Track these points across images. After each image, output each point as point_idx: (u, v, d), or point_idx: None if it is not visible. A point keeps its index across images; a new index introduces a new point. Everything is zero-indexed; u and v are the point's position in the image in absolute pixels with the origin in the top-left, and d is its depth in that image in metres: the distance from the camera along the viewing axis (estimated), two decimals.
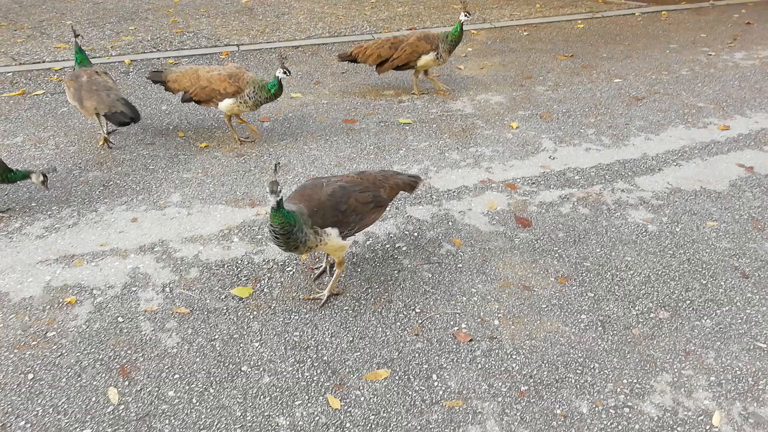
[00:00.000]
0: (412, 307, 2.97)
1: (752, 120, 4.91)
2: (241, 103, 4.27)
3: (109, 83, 4.35)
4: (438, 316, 2.93)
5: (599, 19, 7.78)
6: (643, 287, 3.12)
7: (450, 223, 3.61)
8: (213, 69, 4.36)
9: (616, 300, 3.03)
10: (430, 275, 3.19)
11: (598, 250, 3.39)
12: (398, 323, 2.88)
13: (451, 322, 2.89)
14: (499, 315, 2.94)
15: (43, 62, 6.24)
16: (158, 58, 6.35)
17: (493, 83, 5.72)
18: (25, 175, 3.57)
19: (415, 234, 3.51)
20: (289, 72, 4.18)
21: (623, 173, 4.14)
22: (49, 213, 3.67)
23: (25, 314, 2.89)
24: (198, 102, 4.41)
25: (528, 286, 3.12)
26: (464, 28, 5.10)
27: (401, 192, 3.19)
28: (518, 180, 4.06)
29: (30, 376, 2.57)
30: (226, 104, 4.29)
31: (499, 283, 3.14)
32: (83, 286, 3.08)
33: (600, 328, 2.86)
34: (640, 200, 3.84)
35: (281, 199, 2.55)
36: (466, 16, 5.09)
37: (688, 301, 3.02)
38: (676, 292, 3.09)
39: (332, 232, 2.77)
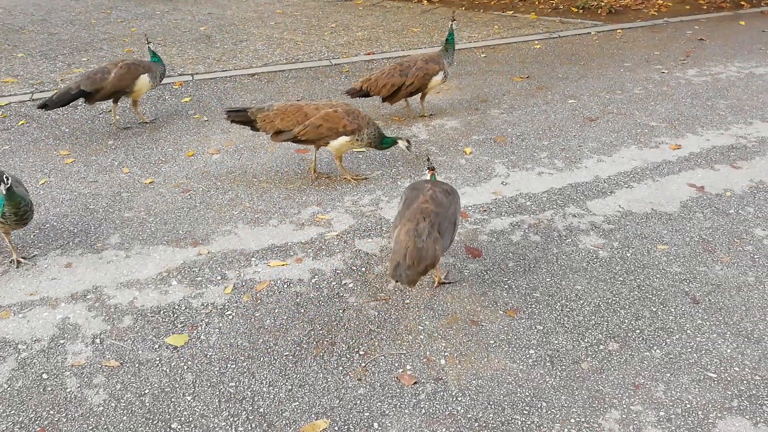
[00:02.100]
0: (356, 349, 2.86)
1: (703, 138, 4.95)
2: (356, 140, 4.07)
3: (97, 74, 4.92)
4: (382, 357, 2.82)
5: (556, 39, 7.86)
6: (593, 317, 3.05)
7: None
8: (321, 106, 4.12)
9: (565, 332, 2.96)
10: (377, 313, 3.09)
11: (548, 280, 3.32)
12: (340, 368, 2.76)
13: (396, 364, 2.78)
14: (446, 354, 2.84)
15: None
16: None
17: (449, 107, 5.69)
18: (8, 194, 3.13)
19: (363, 269, 3.41)
20: (410, 149, 4.16)
21: (575, 197, 4.11)
22: None
23: None
24: (299, 142, 4.13)
25: (476, 320, 3.03)
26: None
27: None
28: (470, 208, 4.00)
29: None
30: (340, 142, 4.06)
31: (447, 319, 3.05)
32: (8, 341, 2.90)
33: (548, 364, 2.78)
34: (591, 225, 3.80)
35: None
36: (453, 22, 5.39)
37: (638, 331, 2.96)
38: (626, 321, 3.03)
39: None
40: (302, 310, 3.11)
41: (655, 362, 2.78)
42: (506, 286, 3.27)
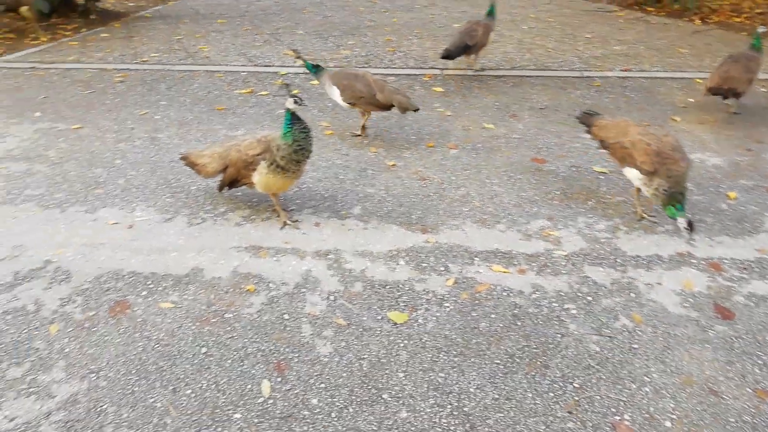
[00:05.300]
0: (571, 380, 2.72)
1: None
2: (644, 184, 3.67)
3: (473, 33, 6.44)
4: (599, 398, 2.63)
5: None
6: None
7: (632, 295, 3.24)
8: (647, 133, 3.76)
9: None
10: (598, 349, 2.89)
11: None
12: (551, 394, 2.65)
13: (613, 409, 2.58)
14: (673, 416, 2.54)
15: (272, 66, 7.05)
16: None
17: (713, 142, 5.05)
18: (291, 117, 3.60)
19: (589, 298, 3.22)
20: (689, 233, 3.53)
21: None
22: (249, 204, 4.11)
23: (212, 292, 3.25)
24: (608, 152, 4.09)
25: (716, 390, 2.66)
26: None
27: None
28: (726, 261, 3.51)
29: (203, 350, 2.87)
30: (632, 174, 3.78)
31: (680, 378, 2.72)
32: (263, 278, 3.37)
33: None
34: None
35: None
36: (764, 27, 5.55)
37: None
38: None
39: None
40: (518, 323, 3.05)
41: None
42: (760, 362, 2.81)
